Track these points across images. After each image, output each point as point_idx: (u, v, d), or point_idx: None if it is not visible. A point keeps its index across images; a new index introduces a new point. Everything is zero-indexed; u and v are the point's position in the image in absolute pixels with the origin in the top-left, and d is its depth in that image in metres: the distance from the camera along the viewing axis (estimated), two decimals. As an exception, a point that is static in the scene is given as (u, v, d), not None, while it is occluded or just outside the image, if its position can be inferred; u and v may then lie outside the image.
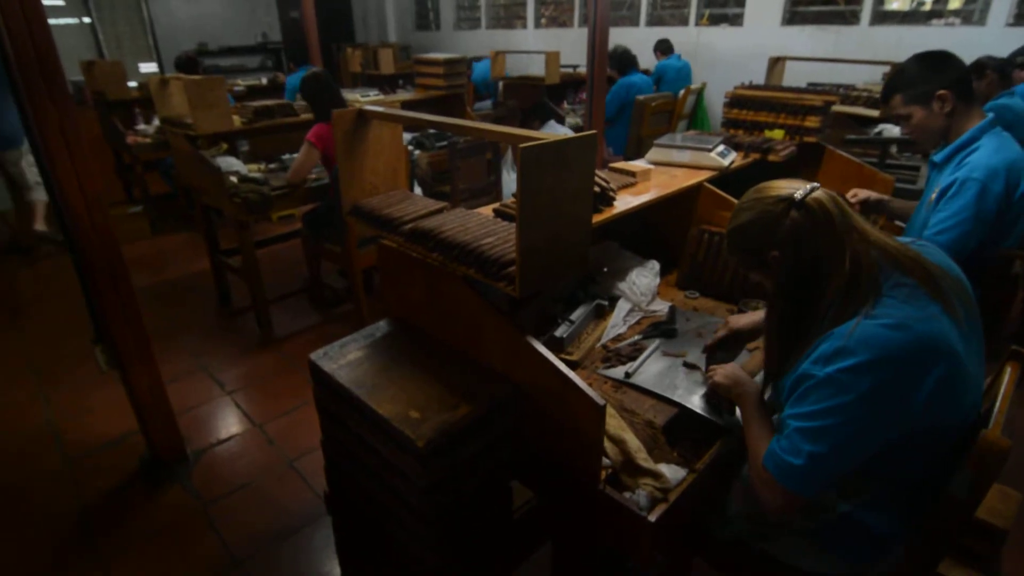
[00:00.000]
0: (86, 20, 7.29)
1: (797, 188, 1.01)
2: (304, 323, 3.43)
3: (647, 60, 6.00)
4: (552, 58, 4.93)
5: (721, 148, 2.11)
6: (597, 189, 1.55)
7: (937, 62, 1.68)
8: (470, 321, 1.26)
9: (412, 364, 1.27)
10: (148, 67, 7.97)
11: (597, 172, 1.61)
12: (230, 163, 3.28)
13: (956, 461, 1.00)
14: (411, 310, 1.45)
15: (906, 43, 4.56)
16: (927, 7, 5.03)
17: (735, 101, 2.69)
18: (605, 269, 1.72)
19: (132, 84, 4.99)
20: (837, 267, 0.97)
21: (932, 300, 0.96)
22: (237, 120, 3.27)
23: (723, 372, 1.25)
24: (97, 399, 2.70)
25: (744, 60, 5.49)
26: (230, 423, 2.58)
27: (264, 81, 5.91)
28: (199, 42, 8.17)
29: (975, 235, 1.61)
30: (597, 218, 1.55)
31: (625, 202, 1.67)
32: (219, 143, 3.40)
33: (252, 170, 3.39)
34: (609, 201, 1.63)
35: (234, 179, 3.12)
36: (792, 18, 5.46)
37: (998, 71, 3.07)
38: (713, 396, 1.30)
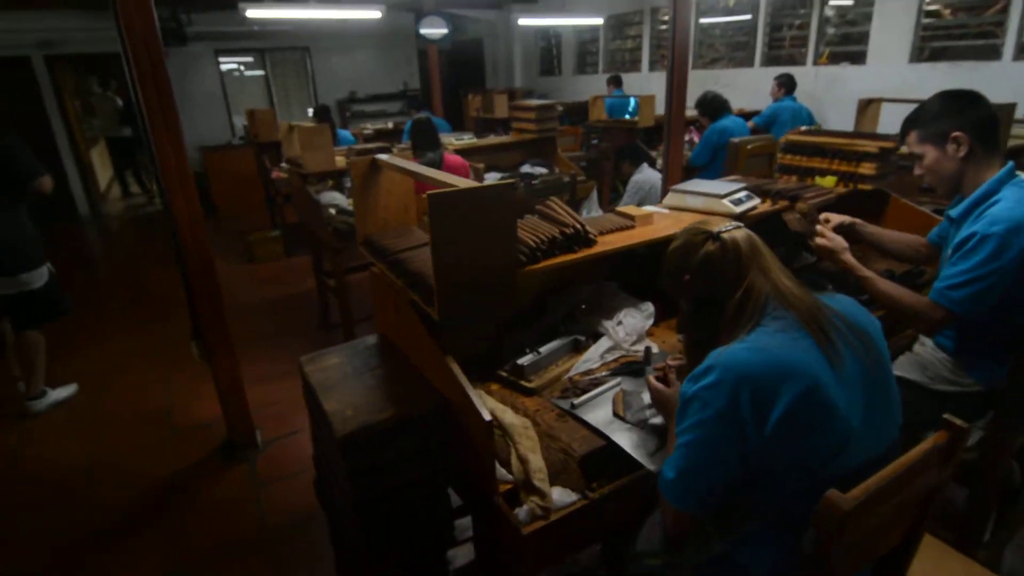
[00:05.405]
0: (259, 73, 8.87)
1: (723, 225, 1.14)
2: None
3: (763, 101, 5.81)
4: (646, 102, 5.01)
5: (740, 195, 2.09)
6: (570, 231, 1.67)
7: (959, 102, 1.57)
8: (416, 339, 1.46)
9: (372, 373, 1.49)
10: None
11: (573, 214, 1.73)
12: (333, 197, 3.82)
13: None
14: (389, 328, 1.67)
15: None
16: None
17: (789, 147, 2.62)
18: (584, 306, 1.81)
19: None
20: (730, 295, 1.08)
21: (806, 335, 1.00)
22: (341, 160, 3.81)
23: (669, 389, 1.31)
24: (205, 388, 3.27)
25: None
26: (301, 419, 2.98)
27: (390, 125, 6.67)
28: (350, 91, 9.41)
29: (992, 292, 1.47)
30: (570, 257, 1.66)
31: (607, 244, 1.76)
32: (325, 180, 3.96)
33: (351, 204, 3.90)
34: (589, 243, 1.73)
35: (332, 211, 3.64)
36: (921, 54, 5.01)
37: None
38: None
